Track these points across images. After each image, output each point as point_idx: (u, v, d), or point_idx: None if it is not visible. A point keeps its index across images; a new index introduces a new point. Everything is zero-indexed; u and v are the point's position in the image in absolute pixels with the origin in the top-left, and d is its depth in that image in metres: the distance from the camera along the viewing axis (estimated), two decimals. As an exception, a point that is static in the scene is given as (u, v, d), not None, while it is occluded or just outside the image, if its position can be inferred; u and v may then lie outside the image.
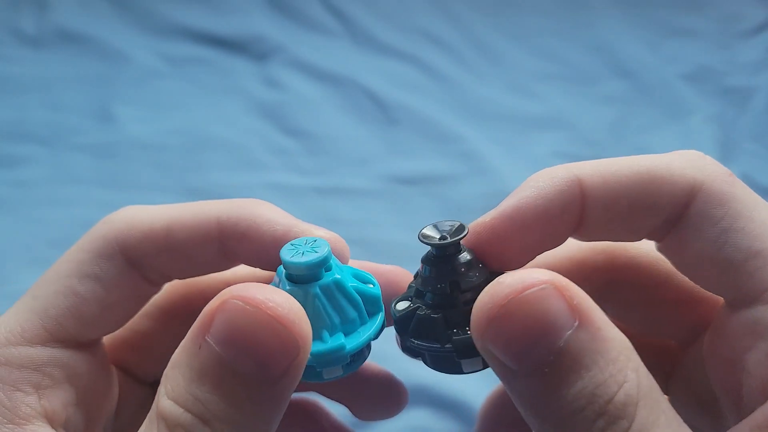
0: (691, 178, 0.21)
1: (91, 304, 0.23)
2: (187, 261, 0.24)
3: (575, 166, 0.21)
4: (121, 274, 0.23)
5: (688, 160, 0.21)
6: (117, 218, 0.24)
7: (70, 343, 0.23)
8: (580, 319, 0.18)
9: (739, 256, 0.20)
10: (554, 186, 0.21)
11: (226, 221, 0.23)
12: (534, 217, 0.21)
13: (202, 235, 0.23)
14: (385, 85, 0.80)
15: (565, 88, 0.83)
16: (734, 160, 0.74)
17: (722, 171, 0.21)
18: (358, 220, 0.66)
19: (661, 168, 0.21)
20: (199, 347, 0.18)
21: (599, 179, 0.21)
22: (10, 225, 0.66)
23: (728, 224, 0.20)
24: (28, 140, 0.74)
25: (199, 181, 0.71)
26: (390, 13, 0.89)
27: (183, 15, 0.87)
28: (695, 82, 0.82)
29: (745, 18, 0.90)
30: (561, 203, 0.21)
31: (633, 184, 0.21)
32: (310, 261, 0.20)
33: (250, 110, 0.78)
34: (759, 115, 0.79)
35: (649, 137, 0.77)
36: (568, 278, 0.23)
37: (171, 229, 0.23)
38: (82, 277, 0.23)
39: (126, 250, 0.23)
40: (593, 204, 0.21)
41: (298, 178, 0.71)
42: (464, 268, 0.21)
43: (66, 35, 0.84)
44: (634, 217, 0.21)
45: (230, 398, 0.18)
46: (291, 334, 0.18)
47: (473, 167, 0.72)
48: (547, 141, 0.76)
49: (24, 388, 0.22)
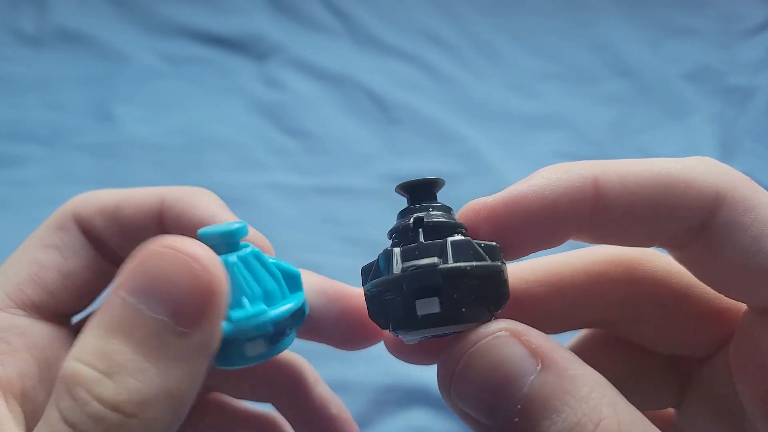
0: (715, 185, 0.19)
1: (51, 271, 0.24)
2: (133, 236, 0.25)
3: (593, 164, 0.20)
4: (77, 244, 0.24)
5: (709, 165, 0.20)
6: (77, 198, 0.26)
7: (33, 312, 0.23)
8: (543, 361, 0.18)
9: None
10: (567, 180, 0.20)
11: (167, 202, 0.24)
12: (540, 207, 0.19)
13: (146, 212, 0.24)
14: (386, 84, 0.80)
15: (566, 87, 0.83)
16: (735, 159, 0.74)
17: (744, 177, 0.20)
18: (358, 220, 0.66)
19: (685, 173, 0.20)
20: (111, 303, 0.18)
21: (617, 180, 0.20)
22: (10, 225, 0.66)
23: (759, 231, 0.19)
24: (28, 140, 0.74)
25: (199, 180, 0.70)
26: (390, 12, 0.89)
27: (183, 14, 0.87)
28: (696, 82, 0.82)
29: (746, 17, 0.90)
30: (571, 199, 0.20)
31: (654, 187, 0.19)
32: (225, 229, 0.20)
33: (250, 110, 0.78)
34: (759, 115, 0.79)
35: (649, 137, 0.77)
36: (585, 292, 0.23)
37: (120, 205, 0.25)
38: (42, 246, 0.24)
39: (81, 222, 0.25)
40: (610, 205, 0.20)
41: (298, 178, 0.71)
42: (431, 209, 0.20)
43: (66, 35, 0.84)
44: (653, 223, 0.20)
45: (141, 348, 0.17)
46: (207, 273, 0.17)
47: (473, 167, 0.72)
48: (548, 141, 0.76)
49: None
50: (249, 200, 0.69)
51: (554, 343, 0.18)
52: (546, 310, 0.23)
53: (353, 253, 0.62)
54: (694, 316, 0.23)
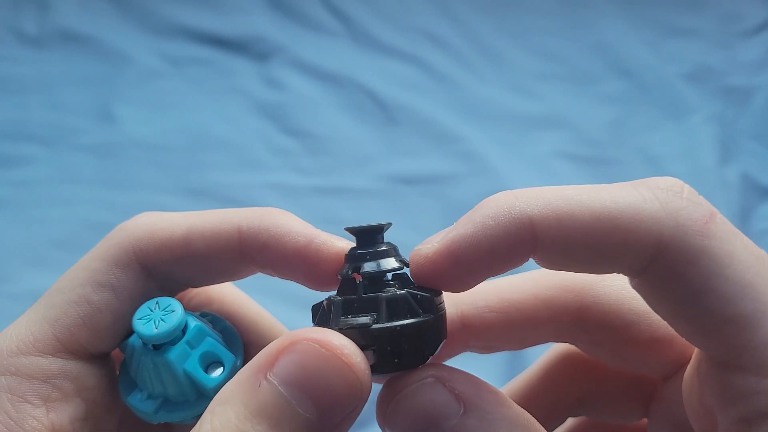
0: (657, 232, 0.18)
1: (104, 315, 0.22)
2: (205, 269, 0.23)
3: (529, 201, 0.19)
4: (135, 284, 0.23)
5: (662, 202, 0.19)
6: (134, 226, 0.23)
7: (82, 355, 0.22)
8: (466, 405, 0.19)
9: (712, 321, 0.18)
10: (502, 225, 0.19)
11: (247, 230, 0.23)
12: (477, 254, 0.19)
13: (222, 244, 0.23)
14: (386, 85, 0.80)
15: (566, 87, 0.83)
16: (734, 159, 0.74)
17: (699, 217, 0.18)
18: (358, 220, 0.66)
19: (627, 215, 0.18)
20: (258, 385, 0.18)
21: (554, 221, 0.19)
22: (11, 225, 0.66)
23: (699, 285, 0.18)
24: (30, 140, 0.74)
25: (199, 180, 0.71)
26: (390, 13, 0.89)
27: (184, 15, 0.87)
28: (696, 82, 0.82)
29: (746, 18, 0.90)
30: (508, 244, 0.19)
31: (592, 230, 0.19)
32: (167, 329, 0.21)
33: (251, 110, 0.78)
34: (759, 115, 0.79)
35: (649, 136, 0.77)
36: (535, 317, 0.23)
37: (190, 238, 0.23)
38: (96, 286, 0.22)
39: (143, 259, 0.23)
40: (545, 245, 0.19)
41: (299, 178, 0.71)
42: (376, 257, 0.21)
43: (67, 35, 0.84)
44: (591, 264, 0.20)
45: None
46: (360, 384, 0.18)
47: (473, 167, 0.73)
48: (548, 141, 0.76)
49: (32, 400, 0.21)
50: (249, 200, 0.69)
51: (480, 386, 0.19)
52: (498, 334, 0.24)
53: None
54: (645, 342, 0.23)
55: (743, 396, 0.18)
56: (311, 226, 0.23)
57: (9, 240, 0.65)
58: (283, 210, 0.24)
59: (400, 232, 0.71)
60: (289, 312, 0.47)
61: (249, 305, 0.26)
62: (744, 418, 0.18)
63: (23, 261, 0.63)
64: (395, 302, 0.20)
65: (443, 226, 0.20)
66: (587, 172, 0.73)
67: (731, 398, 0.18)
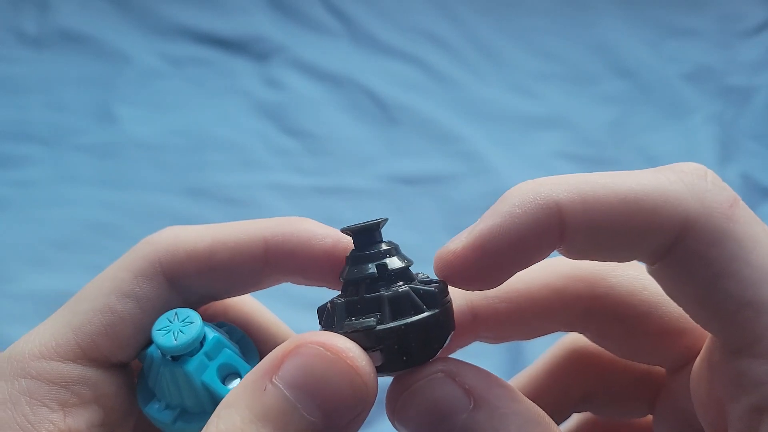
0: (683, 212, 0.18)
1: (126, 324, 0.23)
2: (229, 281, 0.24)
3: (554, 187, 0.19)
4: (159, 296, 0.23)
5: (687, 185, 0.19)
6: (160, 238, 0.24)
7: (102, 363, 0.23)
8: (476, 400, 0.19)
9: (731, 305, 0.18)
10: (530, 213, 0.19)
11: (273, 239, 0.23)
12: (506, 246, 0.19)
13: (247, 254, 0.23)
14: (386, 85, 0.80)
15: (566, 87, 0.83)
16: (734, 159, 0.74)
17: (723, 200, 0.18)
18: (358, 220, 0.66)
19: (653, 197, 0.18)
20: (264, 389, 0.18)
21: (580, 205, 0.19)
22: (12, 225, 0.66)
23: (721, 268, 0.18)
24: (30, 140, 0.74)
25: (200, 181, 0.71)
26: (390, 13, 0.89)
27: (184, 15, 0.87)
28: (695, 82, 0.82)
29: (746, 17, 0.90)
30: (537, 232, 0.19)
31: (618, 213, 0.19)
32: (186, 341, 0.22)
33: (251, 110, 0.78)
34: (759, 115, 0.79)
35: (649, 137, 0.77)
36: (546, 306, 0.23)
37: (214, 249, 0.23)
38: (120, 295, 0.23)
39: (168, 271, 0.23)
40: (573, 231, 0.19)
41: (299, 178, 0.71)
42: (373, 259, 0.21)
43: (67, 36, 0.84)
44: (617, 247, 0.19)
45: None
46: (366, 387, 0.18)
47: (473, 167, 0.73)
48: (548, 141, 0.76)
49: (50, 405, 0.21)
50: (249, 200, 0.69)
51: (490, 380, 0.19)
52: (508, 324, 0.24)
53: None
54: (657, 334, 0.23)
55: (756, 384, 0.18)
56: (334, 228, 0.23)
57: (9, 240, 0.65)
58: (304, 217, 0.24)
59: (400, 232, 0.71)
60: (296, 315, 0.47)
61: (265, 315, 0.26)
62: (757, 406, 0.18)
63: (23, 261, 0.63)
64: (398, 300, 0.20)
65: (443, 226, 0.20)
66: (587, 171, 0.73)
67: (744, 386, 0.18)
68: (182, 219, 0.67)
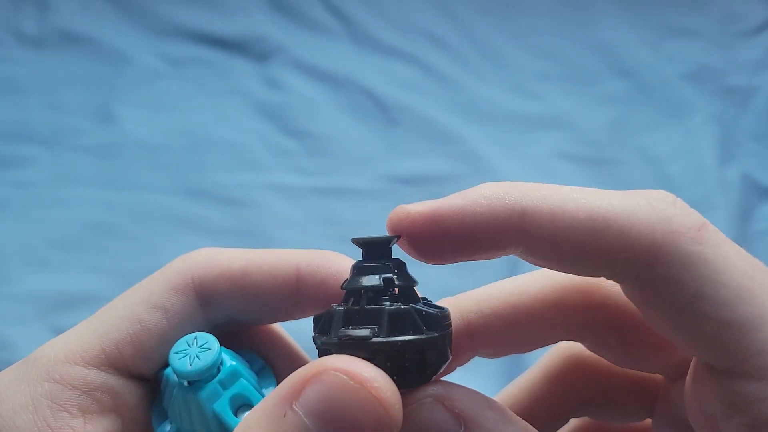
0: (651, 236, 0.18)
1: (152, 335, 0.23)
2: (260, 305, 0.24)
3: (526, 192, 0.19)
4: (188, 312, 0.23)
5: (655, 209, 0.18)
6: (196, 256, 0.24)
7: (124, 372, 0.23)
8: (466, 424, 0.19)
9: (710, 327, 0.18)
10: (493, 207, 0.19)
11: (306, 268, 0.23)
12: (458, 227, 0.19)
13: (280, 280, 0.23)
14: (386, 85, 0.80)
15: (566, 88, 0.83)
16: (735, 159, 0.74)
17: (691, 224, 0.18)
18: (358, 220, 0.66)
19: (621, 218, 0.18)
20: (284, 414, 0.17)
21: (546, 215, 0.19)
22: (11, 225, 0.66)
23: (695, 290, 0.18)
24: (30, 141, 0.74)
25: (199, 181, 0.71)
26: (390, 13, 0.89)
27: (184, 16, 0.87)
28: (696, 82, 0.82)
29: (746, 17, 0.90)
30: (493, 227, 0.19)
31: (584, 230, 0.18)
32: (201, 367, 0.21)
33: (251, 111, 0.78)
34: (759, 115, 0.79)
35: (649, 137, 0.77)
36: (542, 320, 0.23)
37: (248, 271, 0.23)
38: (150, 306, 0.23)
39: (200, 287, 0.23)
40: (535, 239, 0.19)
41: (299, 179, 0.71)
42: (379, 272, 0.20)
43: (67, 36, 0.84)
44: (580, 263, 0.19)
45: None
46: (390, 419, 0.18)
47: (473, 167, 0.73)
48: (548, 141, 0.76)
49: (71, 410, 0.21)
50: (249, 201, 0.69)
51: (482, 403, 0.19)
52: (506, 340, 0.24)
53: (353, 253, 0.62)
54: (654, 343, 0.22)
55: (749, 403, 0.18)
56: None
57: (9, 240, 0.65)
58: (337, 252, 0.24)
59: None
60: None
61: (291, 348, 0.26)
62: (751, 425, 0.18)
63: (23, 261, 0.63)
64: (399, 316, 0.19)
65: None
66: (587, 172, 0.73)
67: (736, 406, 0.18)
68: (182, 219, 0.67)
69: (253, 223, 0.66)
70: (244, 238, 0.65)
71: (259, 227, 0.66)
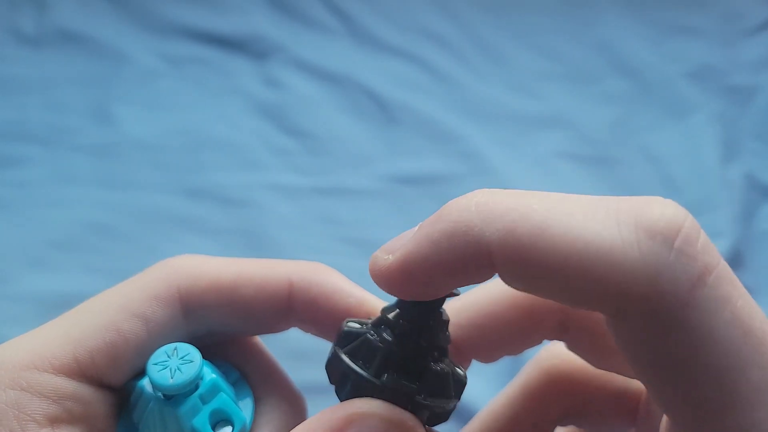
0: (627, 293, 0.16)
1: (130, 346, 0.21)
2: (247, 319, 0.23)
3: (490, 223, 0.17)
4: (170, 323, 0.22)
5: (645, 256, 0.16)
6: (181, 263, 0.23)
7: (96, 381, 0.21)
8: None
9: (675, 400, 0.17)
10: (458, 248, 0.17)
11: (298, 283, 0.22)
12: (431, 274, 0.18)
13: (271, 293, 0.22)
14: (386, 84, 0.80)
15: (567, 86, 0.82)
16: (737, 159, 0.74)
17: (685, 280, 0.16)
18: (358, 220, 0.66)
19: (599, 266, 0.16)
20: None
21: (514, 254, 0.16)
22: (10, 225, 0.66)
23: (667, 359, 0.16)
24: (28, 140, 0.74)
25: (199, 181, 0.70)
26: (390, 11, 0.89)
27: (182, 14, 0.87)
28: (698, 81, 0.82)
29: (748, 16, 0.90)
30: (463, 266, 0.17)
31: (556, 273, 0.16)
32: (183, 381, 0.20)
33: (250, 110, 0.78)
34: (762, 114, 0.79)
35: (651, 136, 0.77)
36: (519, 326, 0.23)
37: (240, 284, 0.22)
38: (129, 315, 0.21)
39: (186, 298, 0.22)
40: (504, 276, 0.17)
41: (298, 178, 0.71)
42: (433, 330, 0.20)
43: (65, 35, 0.84)
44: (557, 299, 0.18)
45: None
46: None
47: (474, 167, 0.72)
48: (549, 140, 0.76)
49: (38, 419, 0.20)
50: (249, 200, 0.68)
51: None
52: (491, 347, 0.24)
53: (353, 254, 0.62)
54: None
55: None
56: (358, 286, 0.23)
57: (7, 241, 0.64)
58: (331, 268, 0.23)
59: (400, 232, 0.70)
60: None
61: (266, 357, 0.25)
62: None
63: (21, 262, 0.63)
64: (437, 378, 0.20)
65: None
66: (588, 171, 0.73)
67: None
68: (181, 219, 0.67)
69: (253, 223, 0.66)
70: (243, 238, 0.65)
71: (258, 227, 0.66)
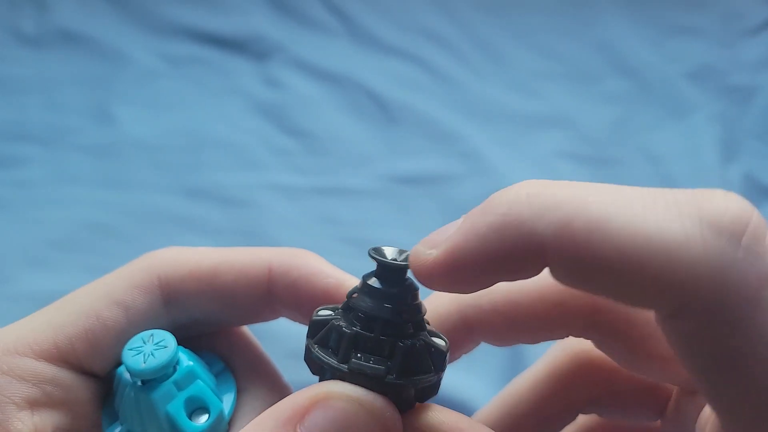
0: (693, 290, 0.15)
1: (109, 332, 0.22)
2: (229, 306, 0.23)
3: (543, 216, 0.16)
4: (151, 311, 0.22)
5: (709, 250, 0.15)
6: (161, 254, 0.23)
7: (76, 367, 0.22)
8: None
9: (734, 398, 0.16)
10: (508, 243, 0.17)
11: (278, 267, 0.22)
12: (479, 268, 0.17)
13: (251, 279, 0.22)
14: (386, 84, 0.80)
15: (567, 86, 0.82)
16: (737, 159, 0.74)
17: (752, 279, 0.15)
18: (358, 220, 0.66)
19: (659, 260, 0.15)
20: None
21: (571, 250, 0.16)
22: (10, 225, 0.66)
23: (734, 361, 0.15)
24: (28, 140, 0.74)
25: (198, 180, 0.70)
26: (390, 11, 0.89)
27: (183, 15, 0.87)
28: (698, 81, 0.82)
29: (748, 16, 0.90)
30: (513, 261, 0.17)
31: (613, 269, 0.15)
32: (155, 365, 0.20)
33: (250, 110, 0.78)
34: (762, 114, 0.79)
35: (651, 136, 0.77)
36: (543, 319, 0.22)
37: (218, 270, 0.22)
38: (110, 302, 0.22)
39: (166, 285, 0.22)
40: (556, 272, 0.17)
41: (298, 178, 0.71)
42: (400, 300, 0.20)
43: (65, 35, 0.84)
44: (610, 296, 0.17)
45: None
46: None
47: (474, 167, 0.72)
48: (549, 140, 0.76)
49: (18, 402, 0.21)
50: (249, 200, 0.68)
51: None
52: (507, 334, 0.23)
53: (353, 254, 0.62)
54: (662, 356, 0.21)
55: None
56: (338, 269, 0.23)
57: (7, 241, 0.64)
58: (312, 252, 0.23)
59: (400, 232, 0.71)
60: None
61: (254, 348, 0.25)
62: None
63: (21, 262, 0.63)
64: (412, 354, 0.19)
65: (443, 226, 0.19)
66: (588, 171, 0.73)
67: None
68: (181, 219, 0.67)
69: (253, 223, 0.66)
70: (243, 238, 0.65)
71: (258, 227, 0.66)
